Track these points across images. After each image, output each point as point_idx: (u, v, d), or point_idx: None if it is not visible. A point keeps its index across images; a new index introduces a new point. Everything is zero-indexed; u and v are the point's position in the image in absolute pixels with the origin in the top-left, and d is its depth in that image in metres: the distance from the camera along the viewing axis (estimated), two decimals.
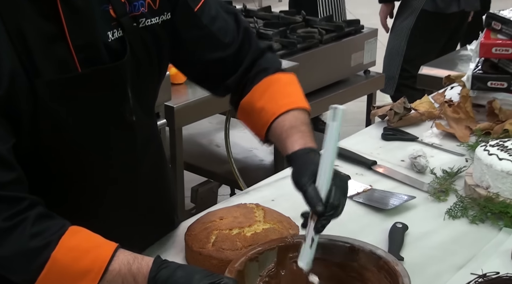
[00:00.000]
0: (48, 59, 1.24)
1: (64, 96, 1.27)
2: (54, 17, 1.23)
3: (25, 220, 1.16)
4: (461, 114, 2.10)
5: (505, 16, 2.13)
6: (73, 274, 1.18)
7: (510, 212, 1.57)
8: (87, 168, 1.37)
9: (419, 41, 4.09)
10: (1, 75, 1.16)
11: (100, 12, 1.30)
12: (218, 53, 1.49)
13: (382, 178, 1.85)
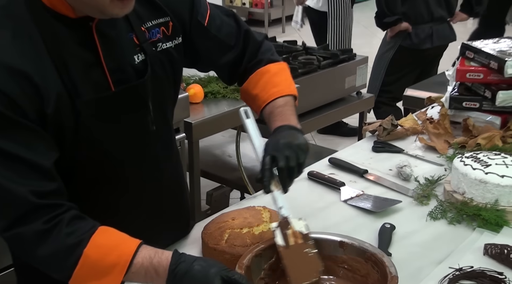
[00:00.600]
0: (87, 81, 1.26)
1: (99, 112, 1.29)
2: (91, 46, 1.26)
3: (61, 222, 1.17)
4: (440, 130, 2.10)
5: (477, 46, 2.14)
6: (102, 268, 1.18)
7: (482, 214, 1.56)
8: (117, 174, 1.39)
9: (395, 71, 4.12)
10: (49, 98, 1.18)
11: (127, 40, 1.33)
12: (228, 56, 1.55)
13: (373, 184, 1.84)
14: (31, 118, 1.17)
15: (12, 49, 1.17)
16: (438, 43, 4.11)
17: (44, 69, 1.19)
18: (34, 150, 1.18)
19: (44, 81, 1.18)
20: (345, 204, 1.71)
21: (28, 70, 1.16)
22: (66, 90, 1.22)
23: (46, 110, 1.19)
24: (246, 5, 8.81)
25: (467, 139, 2.01)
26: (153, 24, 1.39)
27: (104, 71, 1.28)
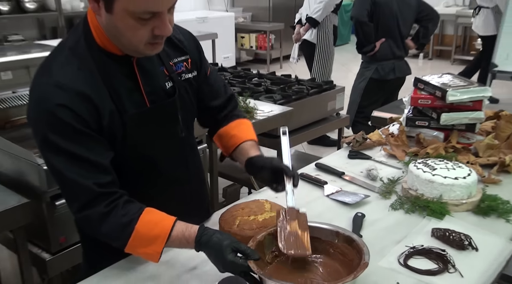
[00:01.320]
0: (130, 101, 1.30)
1: (140, 123, 1.33)
2: (133, 76, 1.31)
3: (117, 205, 1.24)
4: (399, 142, 2.10)
5: (426, 80, 2.14)
6: (149, 239, 1.24)
7: (430, 206, 1.58)
8: (154, 170, 1.42)
9: (367, 97, 4.12)
10: (104, 113, 1.24)
11: (159, 71, 1.37)
12: (217, 101, 1.58)
13: (348, 183, 1.84)
14: (92, 128, 1.23)
15: (78, 78, 1.21)
16: (399, 75, 4.13)
17: (100, 93, 1.24)
18: (95, 151, 1.24)
19: (101, 102, 1.23)
20: (328, 198, 1.72)
21: (89, 94, 1.21)
22: (116, 107, 1.26)
23: (102, 122, 1.24)
24: (253, 48, 8.82)
25: (419, 149, 2.02)
26: (178, 60, 1.43)
27: (142, 94, 1.32)
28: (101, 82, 1.24)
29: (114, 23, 1.17)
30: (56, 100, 1.17)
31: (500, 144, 2.01)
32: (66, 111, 1.18)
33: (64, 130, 1.19)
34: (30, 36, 6.18)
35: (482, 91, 2.00)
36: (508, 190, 1.73)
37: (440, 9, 4.41)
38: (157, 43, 1.24)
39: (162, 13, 1.16)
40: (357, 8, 4.05)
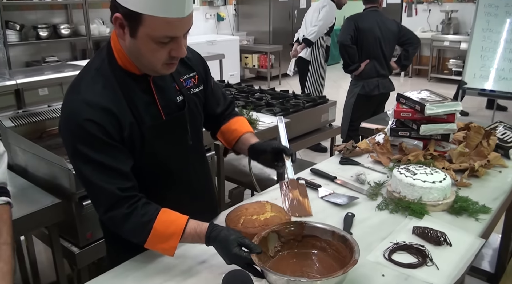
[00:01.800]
0: (147, 114, 1.30)
1: (156, 134, 1.33)
2: (149, 92, 1.32)
3: (137, 207, 1.25)
4: (384, 150, 2.08)
5: (407, 95, 2.13)
6: (165, 236, 1.24)
7: (411, 207, 1.56)
8: (167, 174, 1.43)
9: (358, 111, 4.09)
10: (125, 126, 1.25)
11: (171, 87, 1.38)
12: (219, 108, 1.61)
13: (340, 186, 1.82)
14: (115, 139, 1.23)
15: (103, 96, 1.23)
16: (383, 91, 4.11)
17: (122, 108, 1.24)
18: (118, 160, 1.24)
19: (122, 116, 1.24)
20: (321, 200, 1.70)
21: (113, 109, 1.22)
22: (135, 120, 1.27)
23: (123, 134, 1.25)
24: (255, 66, 8.81)
25: (401, 157, 2.00)
26: (187, 77, 1.43)
27: (158, 108, 1.32)
28: (122, 98, 1.25)
29: (137, 46, 1.19)
30: (84, 115, 1.18)
31: (470, 151, 1.99)
32: (92, 125, 1.18)
33: (91, 141, 1.20)
34: (63, 58, 6.21)
35: (455, 106, 1.99)
36: (477, 192, 1.71)
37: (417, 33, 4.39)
38: (172, 63, 1.25)
39: (179, 38, 1.18)
40: (342, 34, 4.06)
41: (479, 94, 4.68)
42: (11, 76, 4.37)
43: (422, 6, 9.48)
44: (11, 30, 5.49)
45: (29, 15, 5.88)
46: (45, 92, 4.44)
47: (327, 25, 4.83)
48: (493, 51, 4.55)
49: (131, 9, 1.11)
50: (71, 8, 6.24)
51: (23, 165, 2.21)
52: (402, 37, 4.14)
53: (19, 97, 4.25)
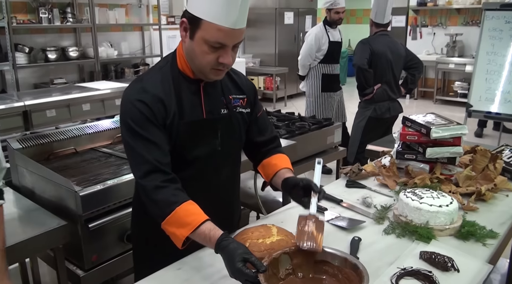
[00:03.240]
0: (191, 112, 1.45)
1: (191, 130, 1.46)
2: (198, 95, 1.47)
3: (170, 186, 1.36)
4: (390, 173, 2.08)
5: (412, 119, 2.14)
6: (182, 223, 1.31)
7: (418, 231, 1.54)
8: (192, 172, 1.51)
9: (368, 133, 4.08)
10: (169, 115, 1.41)
11: (219, 98, 1.52)
12: (261, 137, 1.67)
13: (346, 209, 1.81)
14: (159, 122, 1.39)
15: (158, 87, 1.42)
16: (393, 114, 4.13)
17: (170, 101, 1.42)
18: (159, 138, 1.39)
19: (169, 106, 1.41)
20: (328, 223, 1.68)
21: (163, 98, 1.40)
22: (178, 113, 1.42)
23: (166, 121, 1.41)
24: (261, 88, 8.88)
25: (408, 180, 2.00)
26: (237, 97, 1.56)
27: (202, 109, 1.47)
28: (173, 93, 1.42)
29: (193, 47, 1.37)
30: (138, 97, 1.38)
31: (476, 175, 1.99)
32: (142, 105, 1.37)
33: (138, 118, 1.37)
34: (71, 79, 6.28)
35: (460, 129, 1.99)
36: (484, 217, 1.70)
37: (422, 56, 4.45)
38: (220, 70, 1.40)
39: (228, 47, 1.35)
40: (358, 57, 4.06)
41: (485, 116, 4.68)
42: (19, 98, 4.42)
43: (426, 30, 9.56)
44: (20, 53, 5.57)
45: (38, 38, 5.97)
46: (53, 113, 4.48)
47: (308, 57, 4.81)
48: (498, 74, 4.57)
49: (194, 14, 1.32)
50: (80, 31, 6.34)
51: (30, 186, 2.22)
52: (408, 62, 4.18)
53: (26, 118, 4.29)
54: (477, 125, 6.38)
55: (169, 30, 7.61)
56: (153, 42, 7.36)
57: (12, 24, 5.36)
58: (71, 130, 2.61)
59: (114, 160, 2.47)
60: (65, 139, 2.56)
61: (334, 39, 4.78)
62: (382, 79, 4.09)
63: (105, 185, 2.02)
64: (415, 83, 4.29)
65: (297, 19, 9.15)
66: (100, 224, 2.00)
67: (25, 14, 5.76)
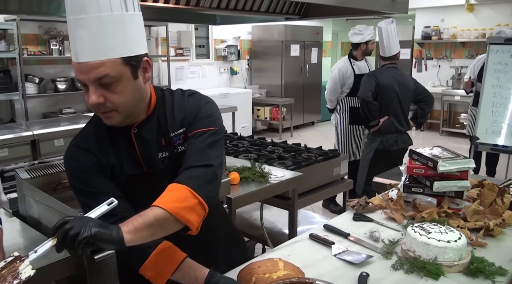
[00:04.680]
0: (129, 163, 1.37)
1: (136, 183, 1.38)
2: (132, 144, 1.37)
3: None
4: (398, 206, 2.07)
5: (419, 152, 2.14)
6: (161, 265, 1.27)
7: (426, 267, 1.52)
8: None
9: (375, 165, 4.09)
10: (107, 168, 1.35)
11: (156, 142, 1.38)
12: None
13: (353, 244, 1.79)
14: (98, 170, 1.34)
15: (91, 141, 1.36)
16: (401, 146, 4.13)
17: (106, 153, 1.35)
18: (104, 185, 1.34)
19: (104, 158, 1.34)
20: (335, 257, 1.66)
21: (94, 151, 1.34)
22: (118, 166, 1.35)
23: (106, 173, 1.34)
24: (267, 119, 8.93)
25: (415, 214, 1.98)
26: (177, 133, 1.38)
27: (139, 159, 1.37)
28: (109, 144, 1.35)
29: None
30: (69, 155, 1.35)
31: (484, 209, 1.97)
32: (74, 162, 1.33)
33: (77, 175, 1.34)
34: (80, 109, 6.35)
35: (467, 163, 1.98)
36: (493, 253, 1.68)
37: (427, 88, 4.47)
38: (104, 113, 1.26)
39: (89, 85, 1.21)
40: (363, 90, 4.09)
41: (491, 149, 4.67)
42: (28, 127, 4.48)
43: (431, 62, 9.65)
44: (30, 83, 5.67)
45: (48, 69, 6.08)
46: (61, 143, 4.52)
47: (334, 91, 4.80)
48: (504, 107, 4.58)
49: None
50: None
51: (36, 216, 2.22)
52: (418, 95, 4.21)
53: (35, 147, 4.33)
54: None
55: (177, 61, 7.73)
56: (161, 73, 7.47)
57: (23, 55, 5.47)
58: None
59: None
60: None
61: (361, 71, 4.73)
62: (389, 111, 4.10)
63: None
64: (424, 117, 4.31)
65: (303, 51, 9.28)
66: (106, 256, 1.99)
67: (36, 46, 5.88)
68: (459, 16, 9.05)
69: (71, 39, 1.19)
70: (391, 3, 2.90)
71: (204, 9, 2.62)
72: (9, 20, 5.40)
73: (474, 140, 4.63)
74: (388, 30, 4.11)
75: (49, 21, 5.86)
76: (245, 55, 9.22)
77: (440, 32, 9.31)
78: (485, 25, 8.65)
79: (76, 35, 1.16)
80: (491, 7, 8.67)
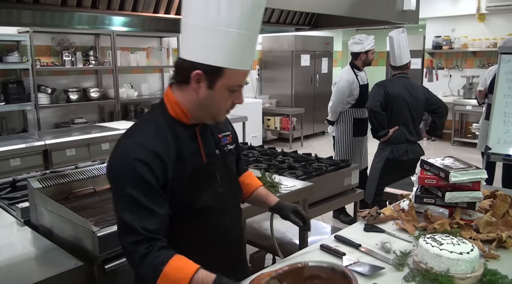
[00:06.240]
0: (192, 159, 1.45)
1: (194, 177, 1.45)
2: (196, 140, 1.48)
3: (153, 249, 1.31)
4: (409, 217, 2.05)
5: (431, 162, 2.13)
6: (174, 280, 1.28)
7: (439, 279, 1.50)
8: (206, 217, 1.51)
9: (386, 175, 4.07)
10: (169, 168, 1.38)
11: (212, 141, 1.55)
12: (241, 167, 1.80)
13: (364, 255, 1.77)
14: (159, 182, 1.35)
15: (154, 140, 1.37)
16: (412, 156, 4.11)
17: (169, 152, 1.39)
18: (156, 203, 1.34)
19: (168, 159, 1.38)
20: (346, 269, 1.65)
21: (160, 153, 1.36)
22: (179, 163, 1.40)
23: (167, 176, 1.37)
24: (277, 128, 8.94)
25: (427, 225, 1.96)
26: (224, 134, 1.60)
27: (202, 154, 1.48)
28: (172, 143, 1.40)
29: (211, 96, 1.37)
30: (136, 155, 1.32)
31: (497, 221, 1.95)
32: (142, 165, 1.31)
33: (136, 181, 1.31)
34: (91, 119, 6.41)
35: (480, 173, 1.97)
36: (506, 265, 1.66)
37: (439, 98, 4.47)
38: (227, 111, 1.45)
39: (242, 87, 1.42)
40: (371, 100, 4.09)
41: (503, 159, 4.62)
42: (40, 137, 4.52)
43: (442, 72, 9.62)
44: (42, 94, 5.74)
45: (61, 80, 6.16)
46: (72, 152, 4.57)
47: (340, 103, 4.70)
48: None
49: (213, 65, 1.32)
50: (101, 73, 6.52)
51: (48, 226, 2.24)
52: (431, 105, 4.19)
53: (46, 157, 4.38)
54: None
55: None
56: None
57: (36, 67, 5.55)
58: (90, 170, 2.64)
59: None
60: (84, 179, 2.59)
61: (363, 82, 4.73)
62: (399, 121, 4.08)
63: None
64: (437, 130, 4.28)
65: (313, 61, 9.30)
66: (116, 265, 1.99)
67: (49, 57, 5.96)
68: (470, 26, 9.02)
69: (242, 50, 1.35)
70: (401, 13, 2.90)
71: None
72: (22, 32, 5.48)
73: (486, 151, 4.59)
74: (400, 40, 4.10)
75: (62, 33, 5.95)
76: (256, 65, 9.26)
77: (451, 41, 9.28)
78: (496, 35, 8.61)
79: (243, 46, 1.34)
80: (502, 17, 8.63)
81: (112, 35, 6.19)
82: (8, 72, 5.58)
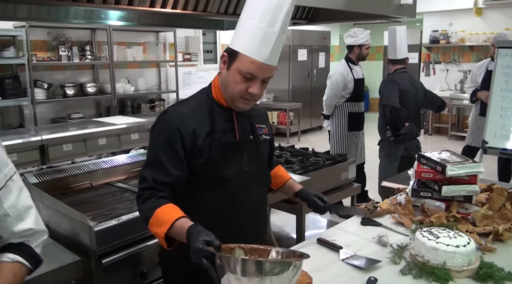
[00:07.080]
0: (224, 135, 1.60)
1: (224, 150, 1.59)
2: (231, 121, 1.63)
3: (154, 196, 1.50)
4: (406, 211, 2.06)
5: (428, 156, 2.14)
6: (160, 221, 1.44)
7: (435, 272, 1.50)
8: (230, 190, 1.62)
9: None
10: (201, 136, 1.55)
11: (248, 126, 1.68)
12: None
13: (362, 247, 1.78)
14: (186, 151, 1.54)
15: (193, 111, 1.59)
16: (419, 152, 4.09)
17: (204, 124, 1.57)
18: (174, 166, 1.53)
19: (202, 128, 1.56)
20: (343, 262, 1.66)
21: (195, 123, 1.56)
22: (212, 135, 1.57)
23: (197, 142, 1.55)
24: (275, 123, 8.93)
25: (424, 218, 1.97)
26: (260, 126, 1.74)
27: (235, 134, 1.63)
28: (207, 117, 1.58)
29: (228, 77, 1.54)
30: (175, 124, 1.54)
31: (493, 214, 1.96)
32: (177, 134, 1.52)
33: (166, 142, 1.53)
34: (88, 114, 6.39)
35: (476, 167, 1.98)
36: (503, 258, 1.66)
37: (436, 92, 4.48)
38: (248, 100, 1.55)
39: (257, 79, 1.51)
40: (389, 97, 3.95)
41: (500, 153, 4.64)
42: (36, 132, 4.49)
43: (439, 66, 9.62)
44: (39, 89, 5.71)
45: (57, 75, 6.13)
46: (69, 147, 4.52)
47: (335, 97, 4.66)
48: None
49: (233, 49, 1.51)
50: (98, 68, 6.49)
51: (45, 220, 2.22)
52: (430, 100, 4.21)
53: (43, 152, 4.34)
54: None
55: (185, 66, 7.76)
56: (169, 78, 7.50)
57: (32, 61, 5.52)
58: (87, 165, 2.64)
59: (129, 195, 2.48)
60: (81, 174, 2.59)
61: (358, 76, 4.69)
62: (409, 117, 4.03)
63: (119, 220, 2.04)
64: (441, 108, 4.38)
65: (310, 56, 9.29)
66: (114, 259, 2.00)
67: (45, 52, 5.93)
68: (467, 20, 9.02)
69: (260, 44, 1.48)
70: (398, 7, 2.89)
71: (211, 14, 2.63)
72: (18, 27, 5.45)
73: (483, 145, 4.60)
74: (401, 32, 4.08)
75: (58, 28, 5.92)
76: None
77: (448, 36, 9.28)
78: (494, 29, 8.60)
79: (267, 42, 1.48)
80: (500, 11, 8.63)
81: (108, 30, 6.16)
82: (4, 67, 5.55)
